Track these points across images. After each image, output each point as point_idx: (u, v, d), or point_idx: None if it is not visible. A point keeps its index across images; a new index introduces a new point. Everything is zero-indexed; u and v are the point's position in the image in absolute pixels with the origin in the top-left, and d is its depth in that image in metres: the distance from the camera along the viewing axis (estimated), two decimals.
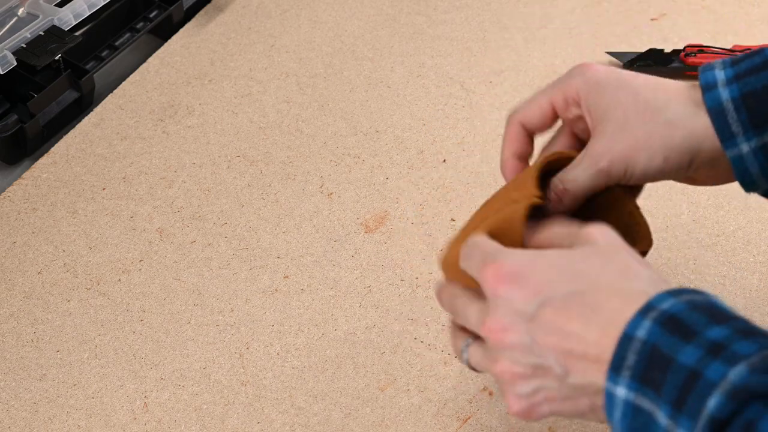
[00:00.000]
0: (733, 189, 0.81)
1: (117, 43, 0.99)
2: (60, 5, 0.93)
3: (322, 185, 0.86)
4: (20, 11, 0.91)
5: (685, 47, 0.92)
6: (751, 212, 0.80)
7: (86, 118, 0.93)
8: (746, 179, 0.55)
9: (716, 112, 0.54)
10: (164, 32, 1.02)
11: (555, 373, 0.48)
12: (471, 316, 0.52)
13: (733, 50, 0.91)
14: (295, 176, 0.87)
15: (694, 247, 0.78)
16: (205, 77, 0.97)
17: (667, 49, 0.93)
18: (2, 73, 0.87)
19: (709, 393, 0.41)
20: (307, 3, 1.05)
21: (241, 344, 0.74)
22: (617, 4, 1.02)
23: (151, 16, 1.01)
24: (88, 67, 0.94)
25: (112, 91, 0.96)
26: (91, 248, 0.82)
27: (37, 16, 0.91)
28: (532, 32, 0.99)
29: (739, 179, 0.56)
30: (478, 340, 0.53)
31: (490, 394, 0.69)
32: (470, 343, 0.54)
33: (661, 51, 0.93)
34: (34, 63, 0.88)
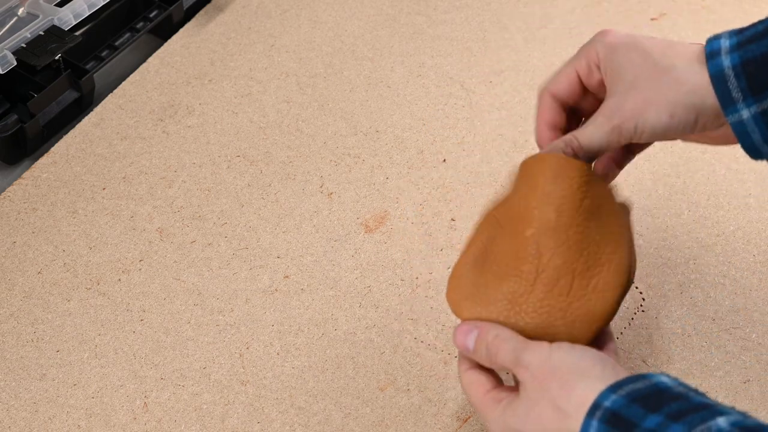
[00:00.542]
0: (733, 189, 0.82)
1: (117, 43, 0.99)
2: (60, 5, 0.93)
3: (322, 185, 0.86)
4: (20, 11, 0.91)
5: None
6: (751, 212, 0.80)
7: (86, 118, 0.93)
8: (749, 145, 0.56)
9: (717, 78, 0.55)
10: (164, 32, 1.02)
11: None
12: None
13: None
14: (295, 176, 0.87)
15: (694, 247, 0.78)
16: (205, 77, 0.97)
17: None
18: (2, 73, 0.87)
19: None
20: (307, 3, 1.05)
21: (241, 344, 0.74)
22: (617, 4, 1.02)
23: (151, 16, 1.01)
24: (88, 67, 0.94)
25: (112, 91, 0.96)
26: (91, 248, 0.82)
27: (37, 16, 0.91)
28: (532, 32, 0.99)
29: (743, 146, 0.57)
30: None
31: None
32: None
33: None
34: (34, 63, 0.88)
